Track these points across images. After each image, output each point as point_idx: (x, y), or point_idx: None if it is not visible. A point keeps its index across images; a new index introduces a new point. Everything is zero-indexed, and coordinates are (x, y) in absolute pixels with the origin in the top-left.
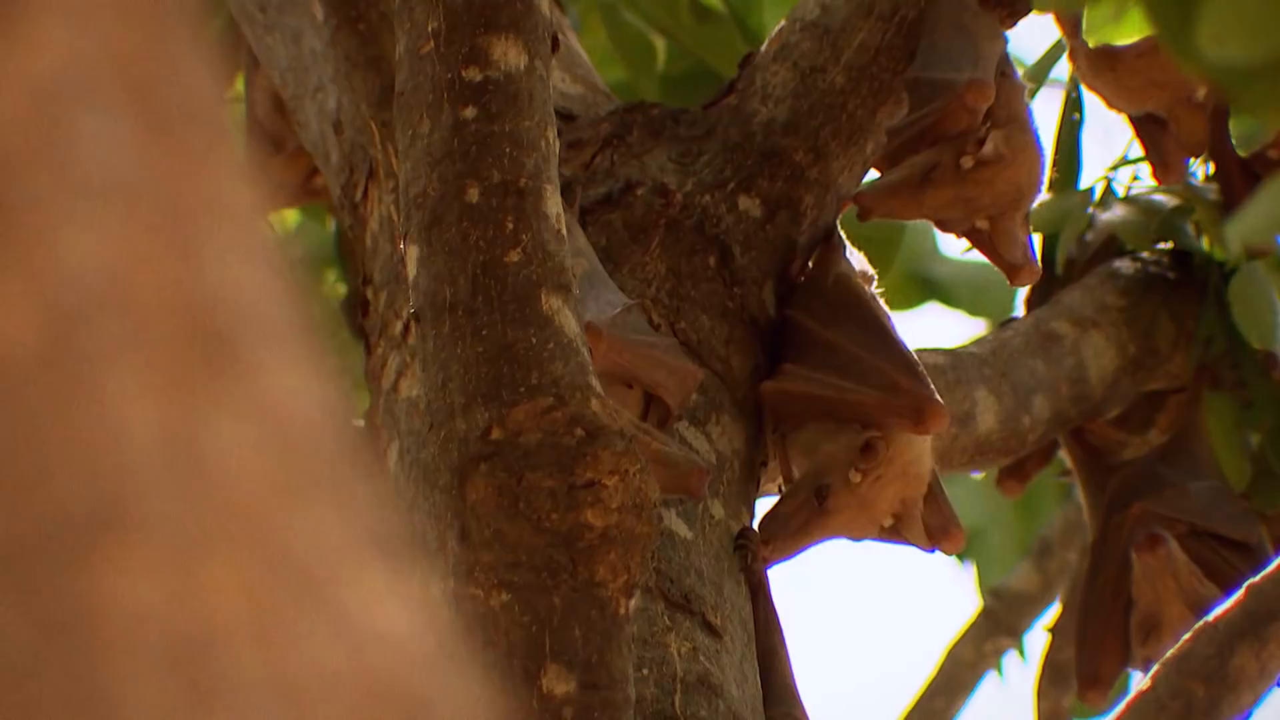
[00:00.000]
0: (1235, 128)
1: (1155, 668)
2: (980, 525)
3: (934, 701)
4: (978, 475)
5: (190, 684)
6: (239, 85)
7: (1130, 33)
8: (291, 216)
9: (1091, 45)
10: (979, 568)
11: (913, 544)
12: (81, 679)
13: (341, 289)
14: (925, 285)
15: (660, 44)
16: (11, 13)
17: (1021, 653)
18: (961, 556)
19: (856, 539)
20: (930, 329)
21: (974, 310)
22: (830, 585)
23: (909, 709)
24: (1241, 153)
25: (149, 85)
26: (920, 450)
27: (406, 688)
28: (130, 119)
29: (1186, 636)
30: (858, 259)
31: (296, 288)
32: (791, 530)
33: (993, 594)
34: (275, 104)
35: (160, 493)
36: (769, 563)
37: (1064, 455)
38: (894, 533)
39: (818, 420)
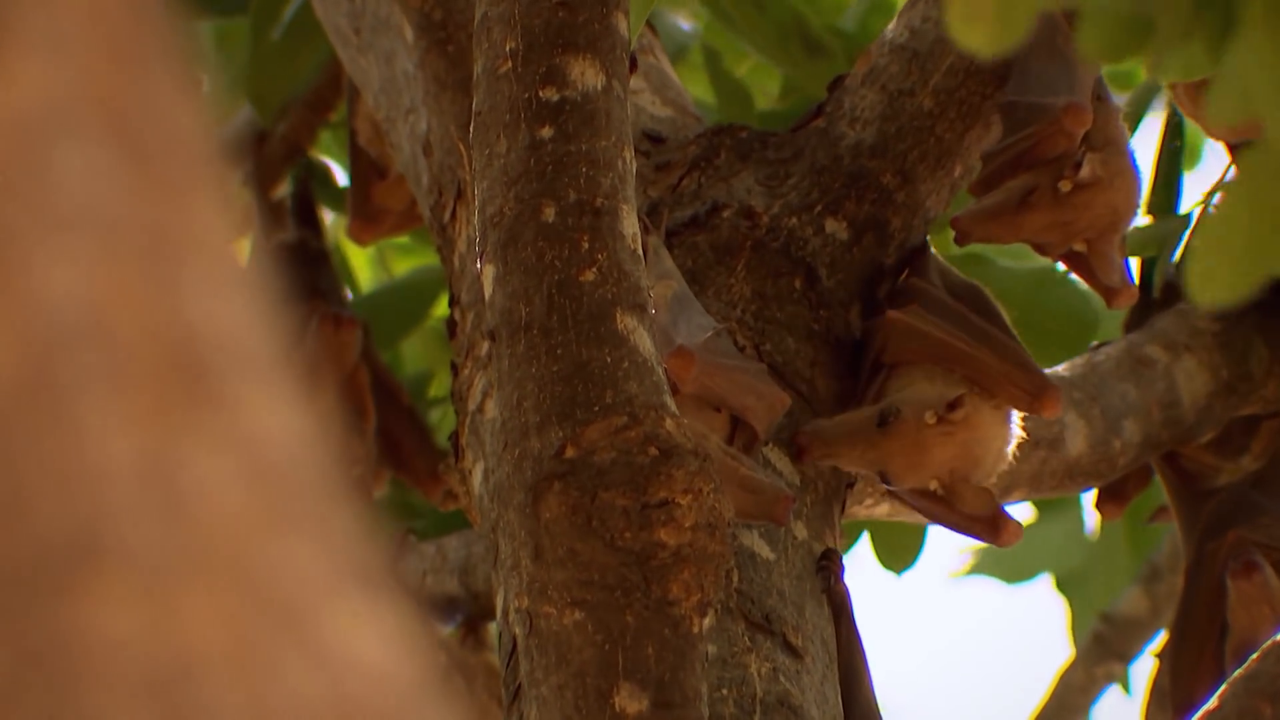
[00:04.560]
0: None
1: (1223, 687)
2: (1080, 567)
3: None
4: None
5: (169, 713)
6: (342, 111)
7: (1200, 73)
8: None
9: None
10: (1074, 610)
11: (950, 524)
12: (61, 708)
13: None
14: None
15: (776, 79)
16: None
17: (1125, 682)
18: (1064, 595)
19: (890, 482)
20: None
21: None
22: (942, 607)
23: None
24: None
25: (128, 118)
26: (993, 437)
27: (384, 717)
28: (109, 151)
29: (1255, 656)
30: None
31: (273, 319)
32: (840, 433)
33: (1103, 619)
34: (377, 130)
35: (139, 523)
36: (802, 452)
37: (1159, 481)
38: (936, 502)
39: (930, 363)
